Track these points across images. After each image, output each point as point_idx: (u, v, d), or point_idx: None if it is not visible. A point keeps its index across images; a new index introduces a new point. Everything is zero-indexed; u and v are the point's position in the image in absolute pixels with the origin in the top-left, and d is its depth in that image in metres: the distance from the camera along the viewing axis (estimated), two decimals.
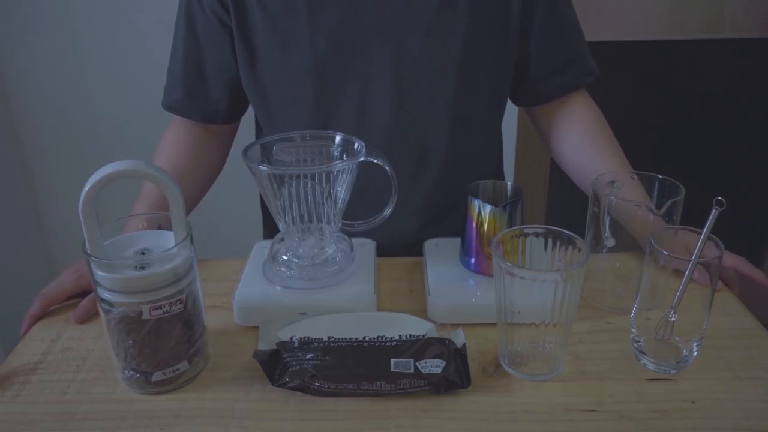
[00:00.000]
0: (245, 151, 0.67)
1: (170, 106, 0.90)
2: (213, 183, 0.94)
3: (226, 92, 0.88)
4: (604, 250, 0.70)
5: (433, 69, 0.82)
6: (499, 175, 1.00)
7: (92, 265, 0.56)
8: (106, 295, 0.56)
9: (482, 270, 0.72)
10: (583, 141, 0.89)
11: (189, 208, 0.87)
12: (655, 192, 0.70)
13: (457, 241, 0.75)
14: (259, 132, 0.96)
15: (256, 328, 0.68)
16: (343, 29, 0.80)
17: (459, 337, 0.64)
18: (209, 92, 0.88)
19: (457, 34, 0.80)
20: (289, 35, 0.81)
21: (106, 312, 0.57)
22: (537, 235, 0.62)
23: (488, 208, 0.69)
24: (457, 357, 0.61)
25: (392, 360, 0.60)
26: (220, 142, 0.94)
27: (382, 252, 0.79)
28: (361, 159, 0.67)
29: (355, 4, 0.79)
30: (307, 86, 0.83)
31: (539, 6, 0.83)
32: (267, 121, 0.90)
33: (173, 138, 0.90)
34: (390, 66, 0.81)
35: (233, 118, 0.93)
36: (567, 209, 1.27)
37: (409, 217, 0.89)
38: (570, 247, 0.61)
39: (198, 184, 0.90)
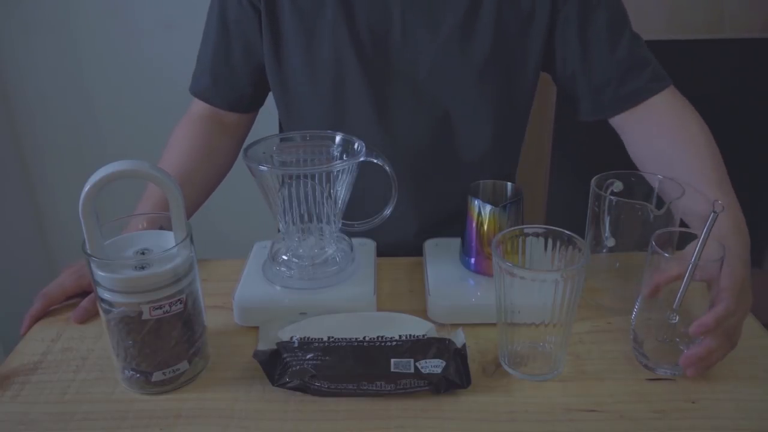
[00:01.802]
0: (245, 150, 0.67)
1: (197, 92, 0.91)
2: (222, 179, 0.94)
3: (252, 78, 0.89)
4: (604, 250, 0.70)
5: (452, 74, 0.82)
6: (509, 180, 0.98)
7: (92, 265, 0.56)
8: (106, 295, 0.56)
9: (482, 270, 0.72)
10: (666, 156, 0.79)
11: (198, 203, 0.87)
12: (655, 192, 0.70)
13: (457, 241, 0.75)
14: (281, 119, 0.96)
15: (256, 328, 0.68)
16: (367, 27, 0.80)
17: (459, 337, 0.64)
18: (235, 79, 0.89)
19: (479, 42, 0.81)
20: (314, 27, 0.82)
21: (106, 312, 0.57)
22: (537, 235, 0.62)
23: (488, 208, 0.69)
24: (457, 357, 0.61)
25: (392, 360, 0.60)
26: (233, 139, 0.94)
27: (382, 252, 0.79)
28: (361, 159, 0.67)
29: (382, 3, 0.79)
30: (326, 80, 0.83)
31: (571, 19, 0.81)
32: (285, 108, 0.90)
33: (186, 132, 0.90)
34: (409, 68, 0.82)
35: (254, 106, 0.94)
36: (567, 209, 1.27)
37: (409, 216, 0.89)
38: (570, 247, 0.61)
39: (209, 179, 0.90)
